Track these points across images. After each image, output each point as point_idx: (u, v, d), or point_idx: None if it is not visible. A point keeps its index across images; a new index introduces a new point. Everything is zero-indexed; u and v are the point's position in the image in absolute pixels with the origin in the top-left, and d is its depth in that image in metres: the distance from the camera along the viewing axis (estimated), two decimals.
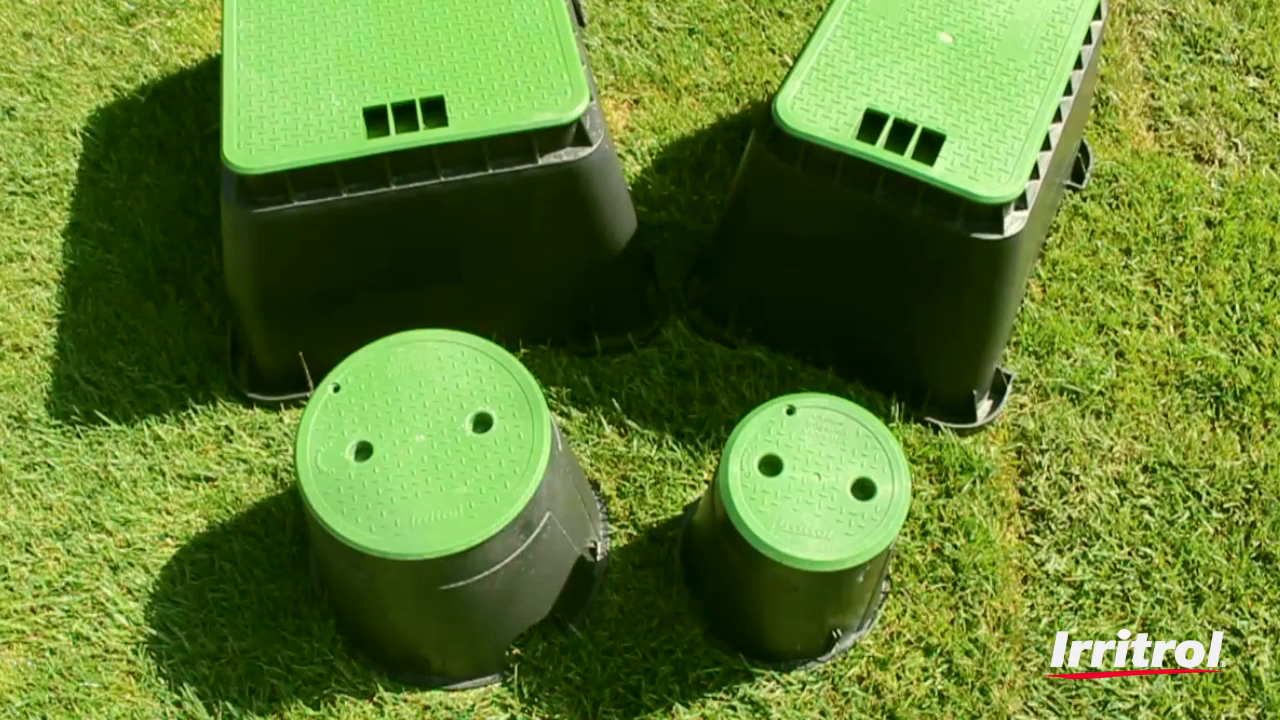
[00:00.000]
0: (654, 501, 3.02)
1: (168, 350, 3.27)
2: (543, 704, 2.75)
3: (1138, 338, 3.35)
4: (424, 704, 2.81)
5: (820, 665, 2.80)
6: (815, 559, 2.42)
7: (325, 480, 2.49)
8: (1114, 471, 3.14)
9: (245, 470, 3.09)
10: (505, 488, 2.46)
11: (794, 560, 2.42)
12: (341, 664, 2.79)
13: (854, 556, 2.43)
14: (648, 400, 3.13)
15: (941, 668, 2.81)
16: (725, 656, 2.78)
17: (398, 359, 2.64)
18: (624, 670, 2.76)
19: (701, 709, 2.75)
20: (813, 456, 2.53)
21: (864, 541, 2.44)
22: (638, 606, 2.85)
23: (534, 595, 2.74)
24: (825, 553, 2.43)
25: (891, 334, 3.09)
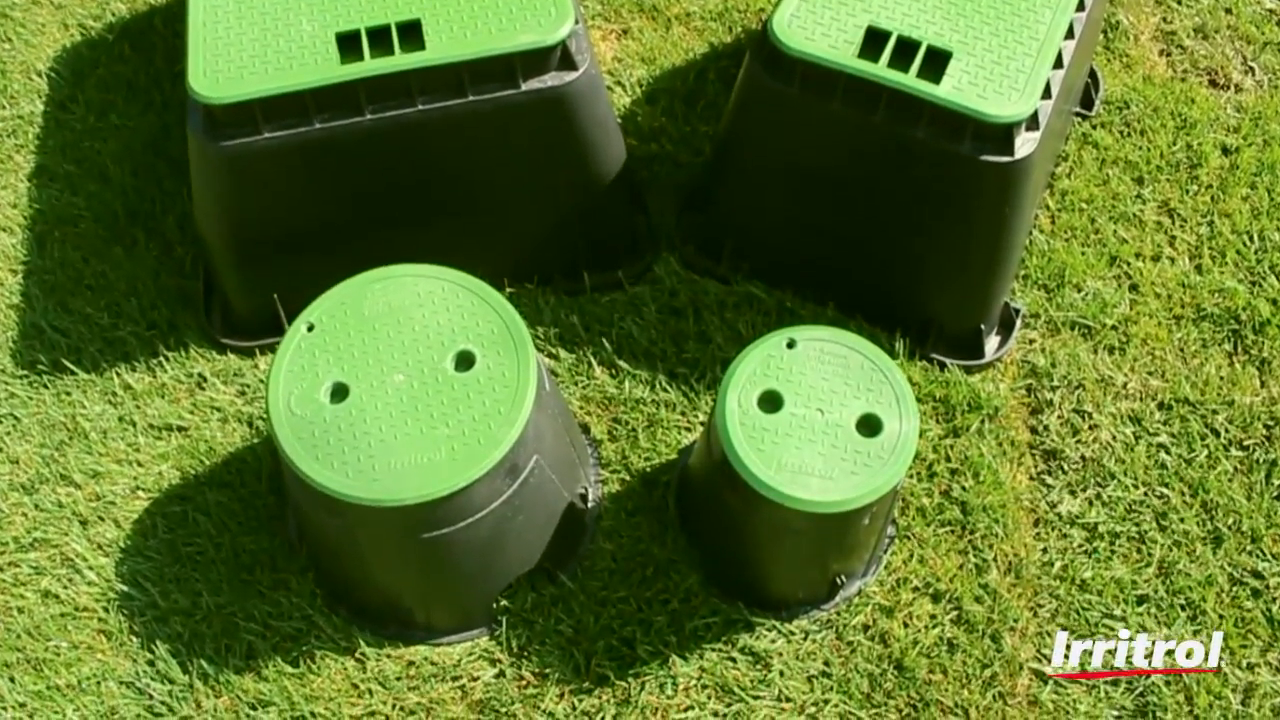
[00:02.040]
0: (647, 445, 2.87)
1: (138, 296, 3.15)
2: (533, 657, 2.63)
3: (1151, 270, 3.21)
4: (408, 659, 2.69)
5: (823, 613, 2.68)
6: (818, 500, 2.28)
7: (299, 424, 2.36)
8: (1128, 409, 3.00)
9: (219, 419, 2.96)
10: (489, 429, 2.32)
11: (796, 501, 2.28)
12: (321, 619, 2.66)
13: (859, 497, 2.29)
14: (639, 339, 2.99)
15: (950, 615, 2.69)
16: (724, 606, 2.66)
17: (375, 296, 2.49)
18: (618, 621, 2.65)
19: (699, 661, 2.62)
20: (815, 392, 2.39)
21: (870, 481, 2.30)
22: (631, 555, 2.73)
23: (522, 544, 2.60)
24: (829, 493, 2.29)
25: (895, 266, 2.95)
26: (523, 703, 2.58)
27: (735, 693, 2.58)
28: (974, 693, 2.60)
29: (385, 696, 2.59)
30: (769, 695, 2.59)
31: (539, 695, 2.58)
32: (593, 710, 2.58)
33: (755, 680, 2.61)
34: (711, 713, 2.58)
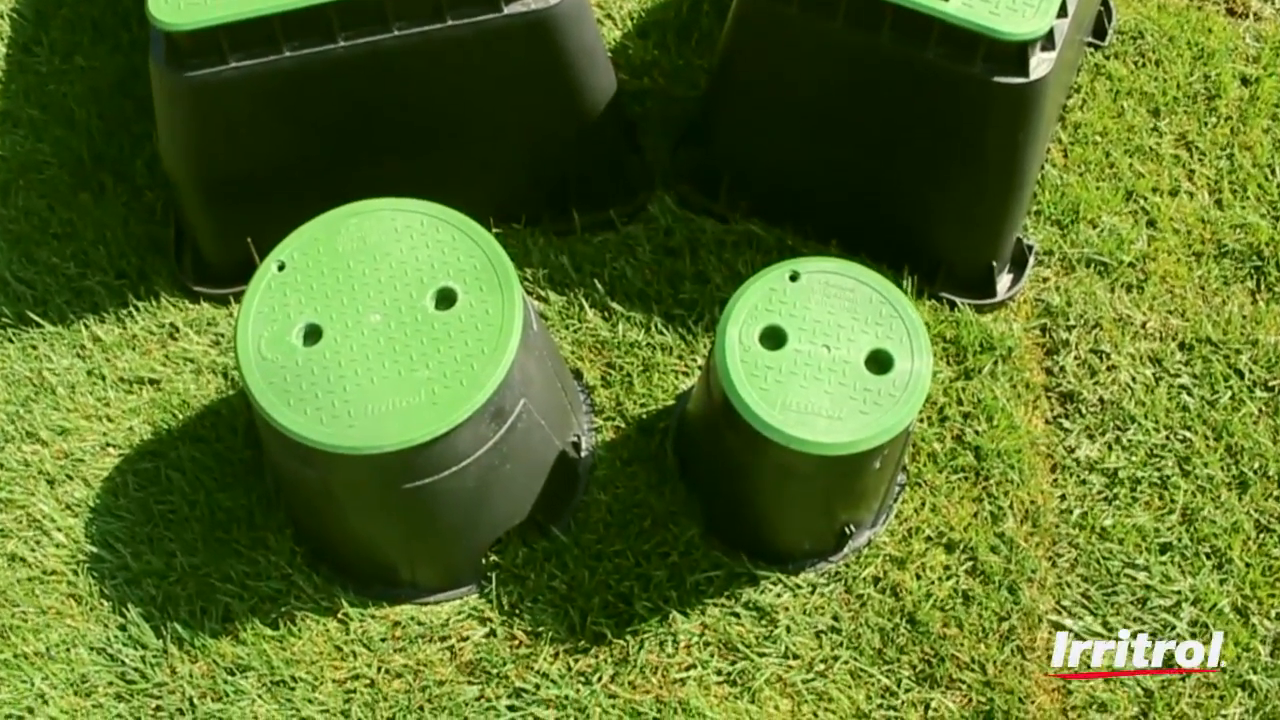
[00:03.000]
0: (643, 390, 2.73)
1: (106, 244, 3.01)
2: (525, 616, 2.50)
3: (1170, 205, 3.06)
4: (393, 619, 2.55)
5: (831, 565, 2.54)
6: (826, 441, 2.14)
7: (270, 368, 2.22)
8: (1148, 349, 2.86)
9: (192, 370, 2.83)
10: (472, 370, 2.17)
11: (802, 443, 2.13)
12: (301, 578, 2.54)
13: (870, 438, 2.15)
14: (633, 281, 2.84)
15: (965, 565, 2.57)
16: (726, 558, 2.53)
17: (349, 232, 2.34)
18: (614, 576, 2.52)
19: (701, 616, 2.50)
20: (820, 327, 2.24)
21: (881, 420, 2.15)
22: (627, 506, 2.59)
23: (511, 495, 2.46)
24: (837, 434, 2.14)
25: (902, 200, 2.80)
26: (515, 663, 2.46)
27: (739, 650, 2.46)
28: (991, 647, 2.48)
29: (370, 659, 2.47)
30: (775, 652, 2.47)
31: (532, 655, 2.46)
32: (589, 670, 2.46)
33: (760, 636, 2.48)
34: (714, 671, 2.45)
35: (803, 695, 2.42)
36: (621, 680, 2.42)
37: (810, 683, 2.43)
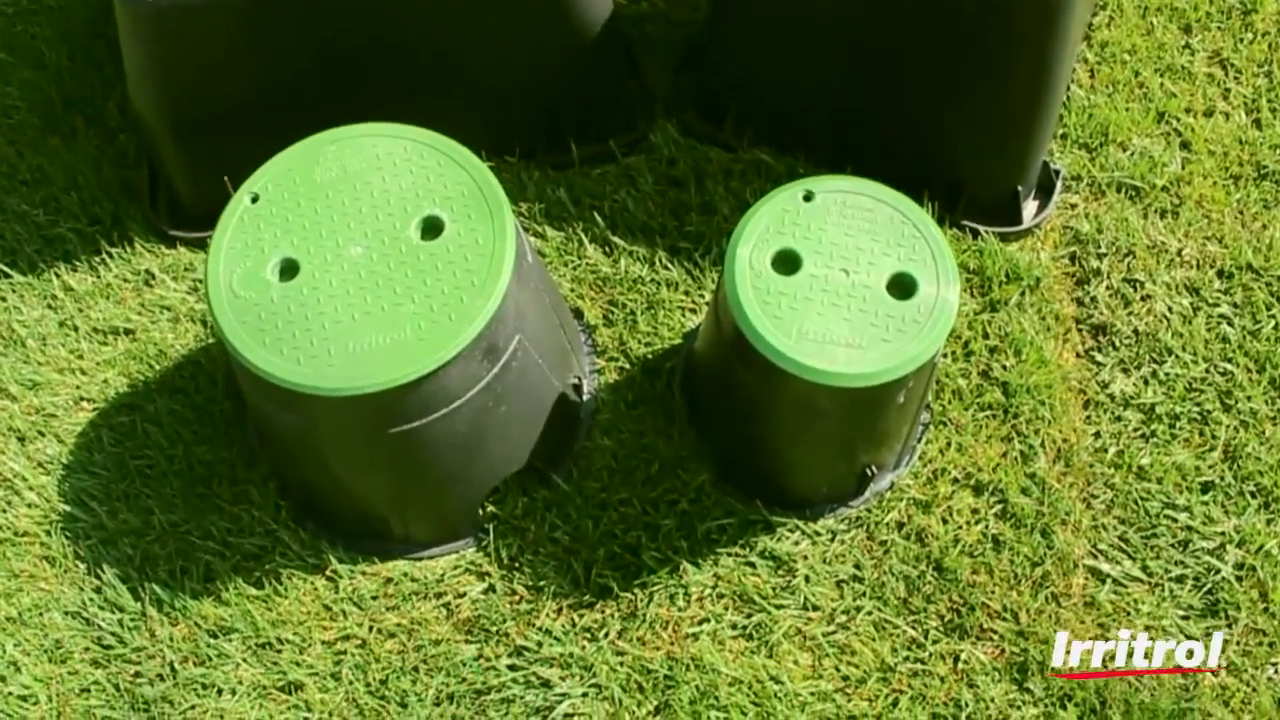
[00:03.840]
0: (647, 329, 2.57)
1: (78, 189, 2.88)
2: (525, 570, 2.37)
3: (1204, 126, 2.89)
4: (385, 576, 2.41)
5: (852, 511, 2.40)
6: (846, 372, 1.96)
7: (243, 306, 2.07)
8: (1184, 277, 2.70)
9: (169, 319, 2.70)
10: (462, 303, 2.00)
11: (820, 375, 1.96)
12: (287, 534, 2.40)
13: (894, 368, 1.98)
14: (635, 214, 2.68)
15: (995, 509, 2.42)
16: (739, 505, 2.39)
17: (327, 160, 2.18)
18: (620, 526, 2.38)
19: (714, 568, 2.35)
20: (838, 250, 2.07)
21: (905, 348, 1.98)
22: (633, 451, 2.45)
23: (508, 440, 2.31)
24: (858, 364, 1.96)
25: (920, 121, 2.63)
26: (515, 620, 2.33)
27: (755, 602, 2.32)
28: (1024, 594, 2.33)
29: (361, 618, 2.34)
30: (793, 604, 2.33)
31: (534, 611, 2.33)
32: (595, 626, 2.32)
33: (777, 587, 2.34)
34: (729, 625, 2.31)
35: (823, 649, 2.28)
36: (629, 636, 2.29)
37: (831, 635, 2.30)
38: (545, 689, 2.25)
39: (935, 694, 2.24)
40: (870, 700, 2.24)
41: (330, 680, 2.28)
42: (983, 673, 2.25)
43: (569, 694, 2.24)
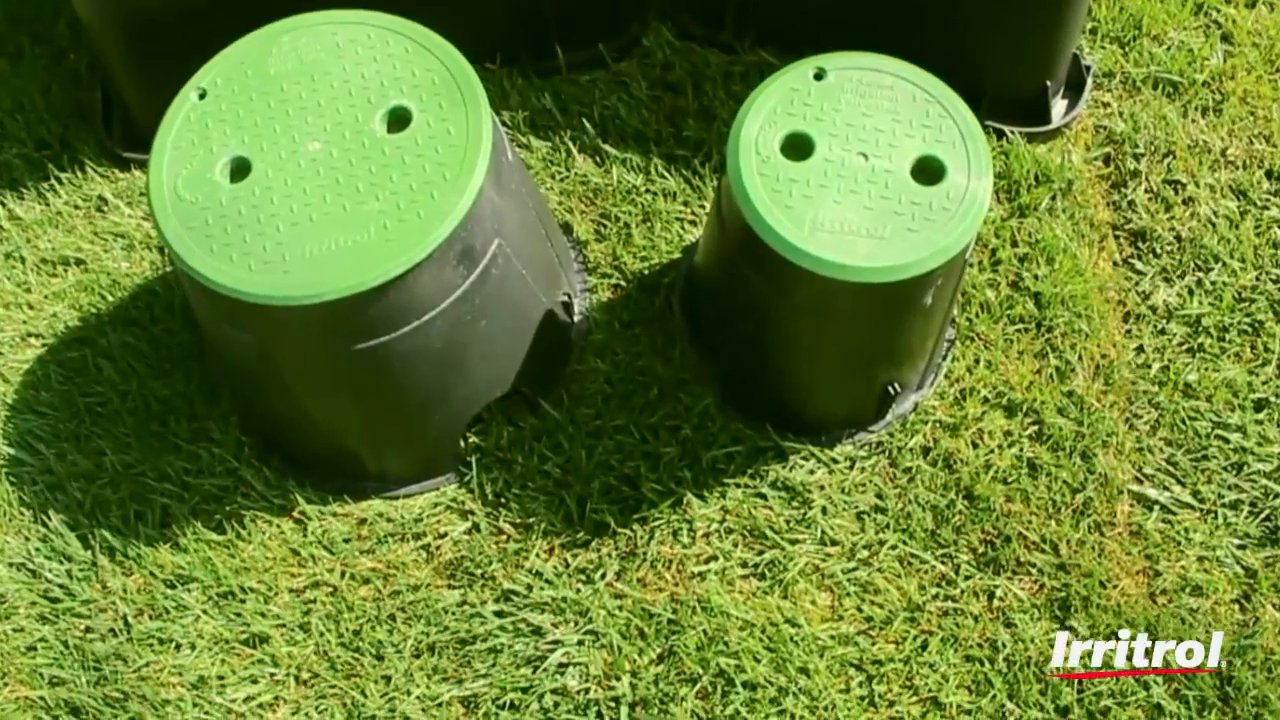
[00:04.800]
0: (643, 243, 2.37)
1: (24, 112, 2.69)
2: (512, 506, 2.19)
3: (1246, 16, 2.70)
4: (358, 517, 2.21)
5: (872, 436, 2.22)
6: (868, 265, 1.74)
7: (189, 211, 1.86)
8: (1230, 179, 2.51)
9: (124, 247, 2.51)
10: (432, 199, 1.79)
11: (838, 269, 1.74)
12: (250, 473, 2.22)
13: (922, 260, 1.75)
14: (628, 121, 2.49)
15: (1029, 430, 2.24)
16: (747, 431, 2.20)
17: (282, 50, 1.97)
18: (617, 456, 2.19)
19: (721, 500, 2.17)
20: (854, 132, 1.84)
21: (934, 239, 1.75)
22: (630, 374, 2.26)
23: (490, 360, 2.09)
24: (881, 256, 1.74)
25: (937, 13, 2.40)
26: (503, 562, 2.15)
27: (768, 536, 2.14)
28: (1063, 524, 2.15)
29: (332, 563, 2.16)
30: (810, 538, 2.15)
31: (522, 552, 2.15)
32: (590, 566, 2.14)
33: (792, 520, 2.16)
34: (739, 562, 2.13)
35: (844, 587, 2.10)
36: (629, 577, 2.11)
37: (852, 572, 2.12)
38: (536, 637, 2.08)
39: (968, 635, 2.06)
40: (896, 643, 2.07)
41: (299, 632, 2.10)
42: (1020, 610, 2.08)
43: (562, 642, 2.06)
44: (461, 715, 2.05)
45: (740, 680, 2.03)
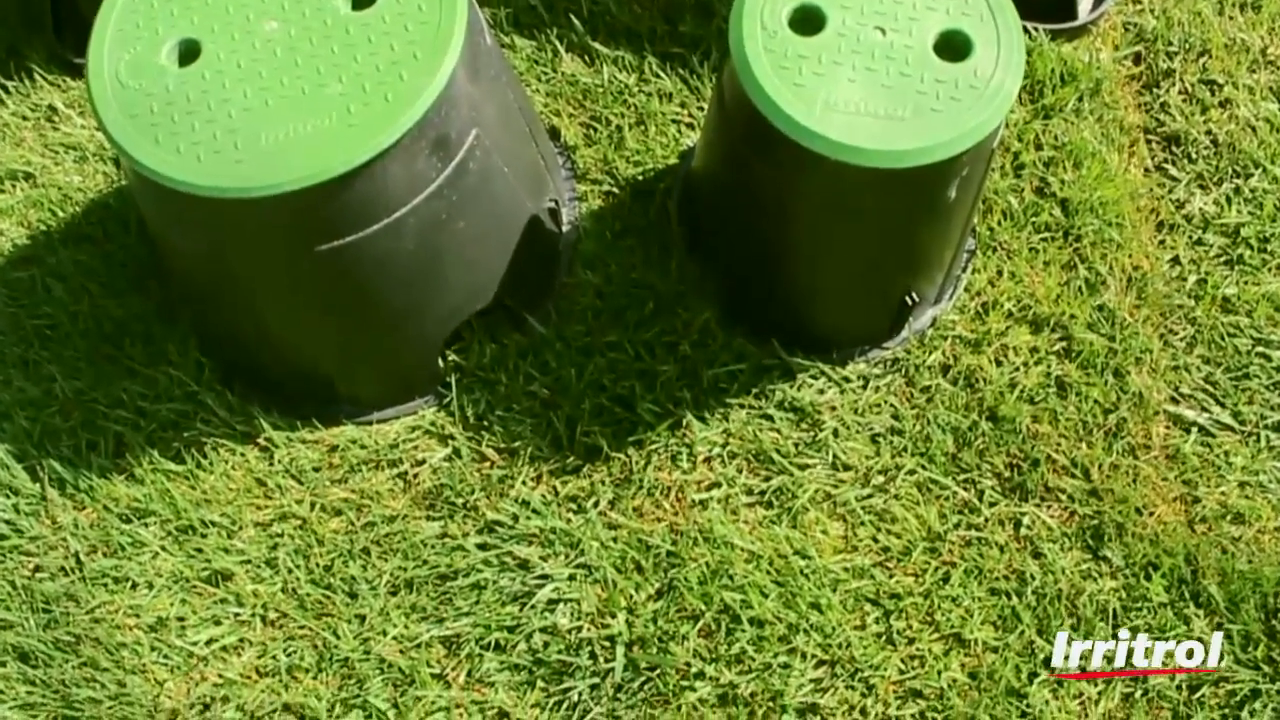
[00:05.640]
0: (636, 147, 2.21)
1: None
2: (496, 430, 2.03)
3: None
4: (329, 443, 2.05)
5: (887, 352, 2.07)
6: (885, 149, 1.56)
7: (132, 98, 1.69)
8: (1270, 80, 2.35)
9: (75, 159, 2.36)
10: (401, 80, 1.62)
11: (854, 153, 1.57)
12: (211, 398, 2.06)
13: (947, 143, 1.58)
14: (619, 16, 2.34)
15: (1057, 347, 2.09)
16: (752, 348, 2.06)
17: None
18: (609, 375, 2.04)
19: (724, 422, 2.02)
20: (870, 4, 1.69)
21: (961, 119, 1.58)
22: (623, 287, 2.11)
23: (470, 269, 1.92)
24: (901, 138, 1.57)
25: None
26: (486, 490, 1.99)
27: (774, 461, 1.99)
28: (1095, 447, 2.00)
29: (300, 494, 2.00)
30: (820, 462, 1.99)
31: (507, 479, 1.99)
32: (582, 494, 1.99)
33: (800, 444, 2.00)
34: (743, 489, 1.98)
35: (858, 516, 1.95)
36: (624, 506, 1.96)
37: (867, 500, 1.97)
38: (523, 571, 1.93)
39: (993, 566, 1.92)
40: (916, 575, 1.92)
41: (265, 568, 1.95)
42: (1049, 540, 1.94)
43: (552, 576, 1.91)
44: (442, 657, 1.90)
45: (746, 617, 1.87)
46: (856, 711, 1.83)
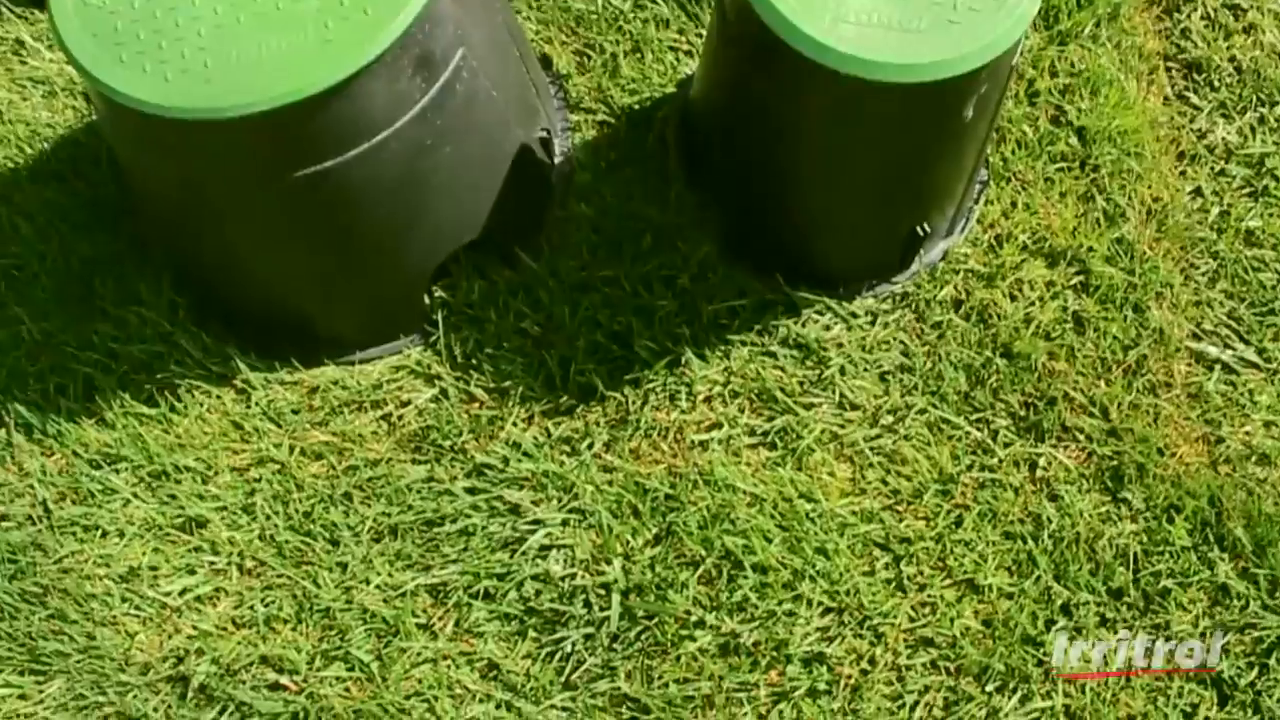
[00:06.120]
0: (632, 75, 2.15)
1: None
2: (485, 369, 1.95)
3: None
4: (309, 385, 1.97)
5: (896, 286, 2.00)
6: (901, 62, 1.47)
7: (95, 16, 1.61)
8: None
9: (44, 94, 2.26)
10: None
11: (867, 67, 1.49)
12: (185, 338, 1.98)
13: (965, 57, 1.51)
14: None
15: (1074, 281, 2.02)
16: (754, 282, 1.99)
17: None
18: (605, 311, 1.97)
19: (725, 360, 1.95)
20: None
21: (979, 31, 1.51)
22: (619, 220, 2.03)
23: (457, 199, 1.84)
24: (916, 52, 1.49)
25: None
26: (474, 432, 1.92)
27: (778, 400, 1.92)
28: (1114, 385, 1.95)
29: (279, 437, 1.93)
30: (826, 402, 1.93)
31: (497, 420, 1.92)
32: (575, 435, 1.91)
33: (806, 382, 1.94)
34: (746, 430, 1.92)
35: (866, 457, 1.89)
36: (620, 448, 1.89)
37: (875, 440, 1.91)
38: (514, 516, 1.86)
39: (1008, 509, 1.86)
40: (927, 519, 1.86)
41: (242, 515, 1.88)
42: (1067, 481, 1.88)
43: (544, 522, 1.85)
44: (428, 606, 1.83)
45: (749, 563, 1.80)
46: (865, 661, 1.77)
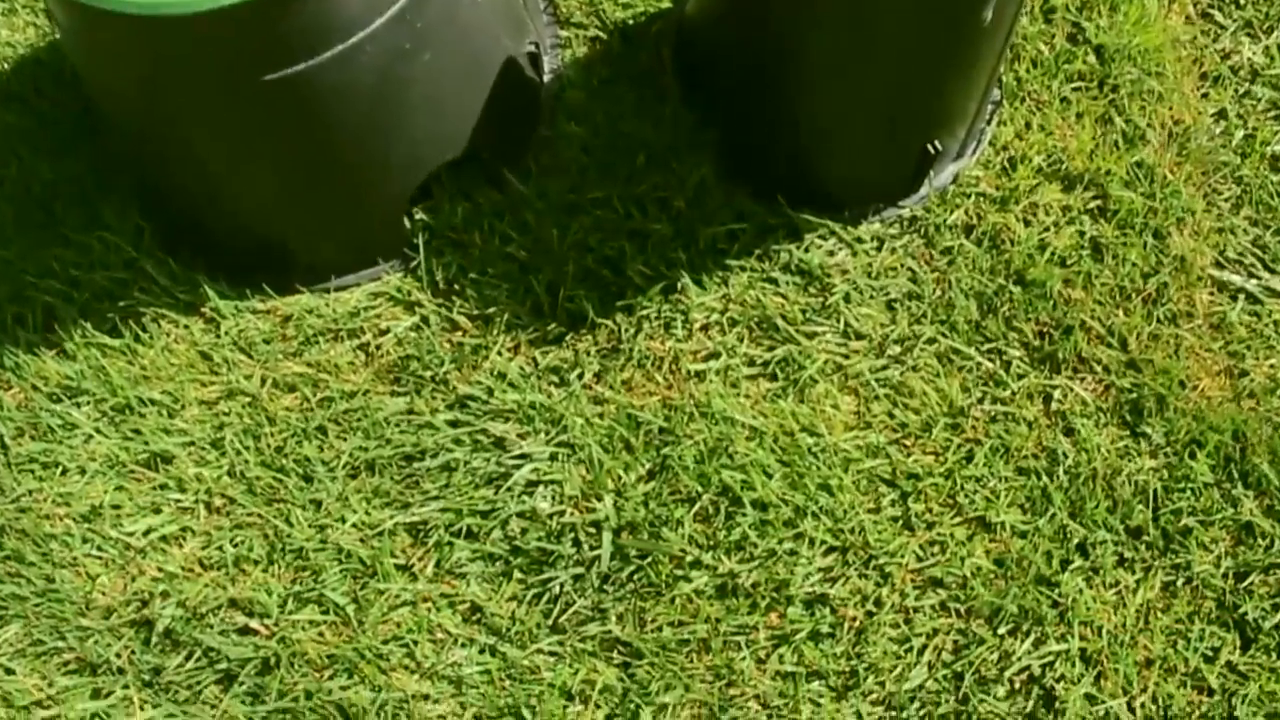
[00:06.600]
0: None
1: None
2: (469, 296, 1.88)
3: None
4: (282, 313, 1.89)
5: (904, 210, 1.92)
6: None
7: None
8: None
9: (3, 11, 2.18)
10: None
11: None
12: (151, 265, 1.90)
13: None
14: None
15: (1091, 205, 1.95)
16: (754, 205, 1.91)
17: None
18: (596, 235, 1.90)
19: (723, 286, 1.88)
20: None
21: None
22: (611, 139, 1.96)
23: (438, 111, 1.75)
24: None
25: None
26: (457, 362, 1.84)
27: (780, 329, 1.86)
28: (1133, 314, 1.88)
29: (250, 369, 1.85)
30: (831, 330, 1.86)
31: (481, 349, 1.85)
32: (564, 365, 1.84)
33: (808, 310, 1.87)
34: (745, 360, 1.85)
35: (871, 389, 1.83)
36: (611, 378, 1.82)
37: (882, 372, 1.84)
38: (498, 450, 1.78)
39: (1021, 443, 1.79)
40: (936, 454, 1.79)
41: (210, 450, 1.81)
42: (1083, 415, 1.82)
43: (531, 456, 1.77)
44: (408, 546, 1.75)
45: (748, 499, 1.73)
46: (870, 602, 1.71)
